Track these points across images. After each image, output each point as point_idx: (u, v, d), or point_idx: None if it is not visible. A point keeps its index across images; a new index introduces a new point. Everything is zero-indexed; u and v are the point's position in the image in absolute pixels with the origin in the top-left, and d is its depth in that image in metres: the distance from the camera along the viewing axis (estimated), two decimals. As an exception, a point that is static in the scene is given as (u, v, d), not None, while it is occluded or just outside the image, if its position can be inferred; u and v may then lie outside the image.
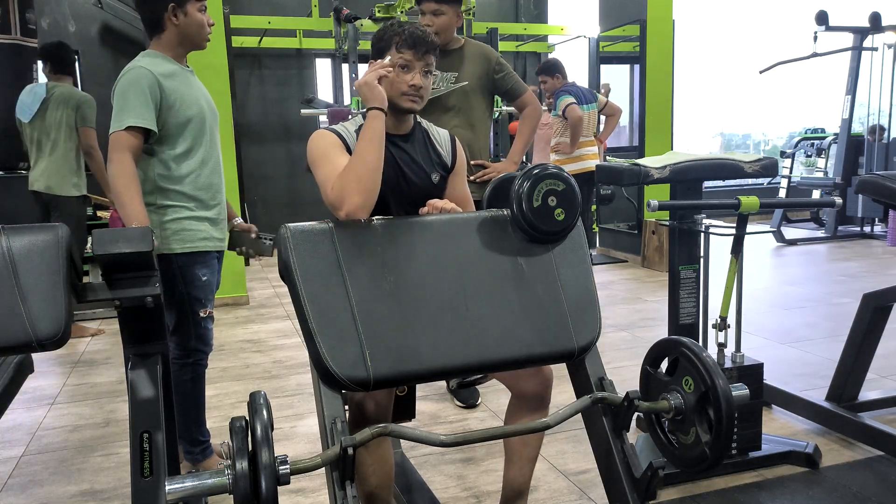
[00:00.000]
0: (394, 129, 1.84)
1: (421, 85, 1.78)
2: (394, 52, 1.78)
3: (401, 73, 1.77)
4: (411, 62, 1.77)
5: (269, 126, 7.94)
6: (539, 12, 8.78)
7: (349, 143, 1.77)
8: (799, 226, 8.75)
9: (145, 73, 2.12)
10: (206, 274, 2.30)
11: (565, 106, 5.44)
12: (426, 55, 1.78)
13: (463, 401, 3.13)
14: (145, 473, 1.50)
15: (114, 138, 2.10)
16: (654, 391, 1.59)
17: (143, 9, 2.22)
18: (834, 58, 7.19)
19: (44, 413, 3.21)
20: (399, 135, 1.86)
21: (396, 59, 1.77)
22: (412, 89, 1.77)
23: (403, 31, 1.78)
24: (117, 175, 2.08)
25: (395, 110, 1.81)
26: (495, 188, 1.78)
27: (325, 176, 1.70)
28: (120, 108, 2.10)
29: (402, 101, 1.79)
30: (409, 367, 1.46)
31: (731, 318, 2.40)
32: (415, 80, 1.77)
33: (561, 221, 1.63)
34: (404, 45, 1.77)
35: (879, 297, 2.67)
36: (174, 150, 2.21)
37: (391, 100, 1.78)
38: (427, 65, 1.79)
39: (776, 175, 3.95)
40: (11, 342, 1.35)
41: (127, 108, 2.09)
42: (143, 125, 2.10)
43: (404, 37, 1.77)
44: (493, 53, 2.97)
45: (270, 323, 4.74)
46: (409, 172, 1.84)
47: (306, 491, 2.37)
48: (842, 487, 2.30)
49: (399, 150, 1.84)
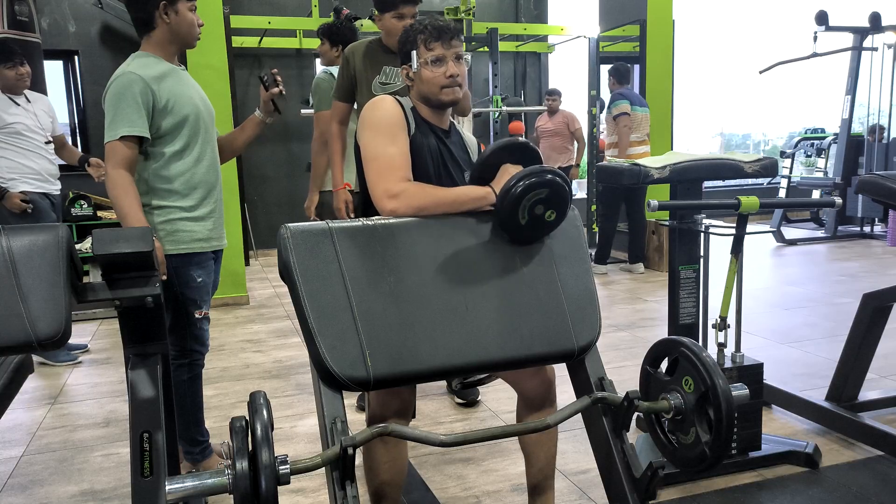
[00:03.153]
0: (437, 123, 1.88)
1: (456, 73, 1.81)
2: (423, 50, 1.82)
3: (435, 69, 1.80)
4: (442, 55, 1.80)
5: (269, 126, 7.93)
6: (539, 12, 8.78)
7: (408, 116, 1.81)
8: (799, 226, 8.75)
9: (135, 79, 2.12)
10: (201, 275, 2.30)
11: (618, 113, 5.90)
12: (452, 41, 1.82)
13: (462, 398, 3.13)
14: (145, 473, 1.49)
15: (109, 149, 2.12)
16: (654, 391, 1.59)
17: (134, 7, 2.22)
18: (834, 58, 7.19)
19: (44, 413, 3.21)
20: (443, 129, 1.89)
21: (427, 56, 1.81)
22: (450, 80, 1.80)
23: (426, 27, 1.82)
24: (114, 187, 2.12)
25: (438, 105, 1.85)
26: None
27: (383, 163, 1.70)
28: (112, 117, 2.12)
29: (443, 95, 1.82)
30: (409, 366, 1.46)
31: (731, 318, 2.40)
32: (450, 69, 1.80)
33: (554, 221, 1.62)
34: (431, 40, 1.80)
35: (879, 297, 2.67)
36: (169, 149, 2.22)
37: (431, 97, 1.83)
38: (456, 51, 1.83)
39: (776, 175, 3.95)
40: (11, 342, 1.35)
41: (119, 117, 2.11)
42: (136, 133, 2.12)
43: (429, 32, 1.81)
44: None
45: (270, 323, 4.74)
46: (450, 166, 1.87)
47: (306, 491, 2.37)
48: (842, 487, 2.30)
49: (442, 145, 1.87)
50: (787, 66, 7.26)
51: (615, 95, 6.00)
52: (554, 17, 8.90)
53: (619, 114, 5.88)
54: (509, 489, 2.36)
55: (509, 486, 2.38)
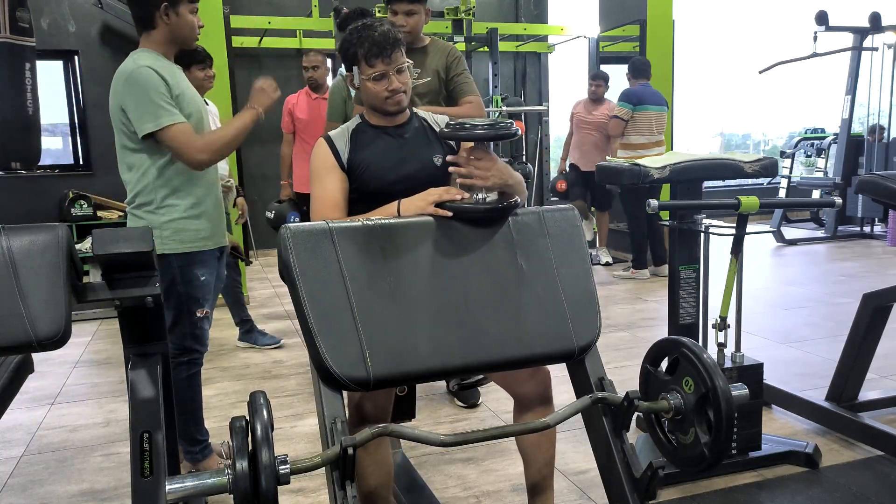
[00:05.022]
0: (389, 123, 1.92)
1: (398, 87, 1.84)
2: (364, 67, 1.84)
3: (377, 84, 1.84)
4: (384, 71, 1.83)
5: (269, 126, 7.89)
6: (539, 12, 8.77)
7: (338, 148, 1.87)
8: (799, 226, 8.74)
9: (151, 73, 2.15)
10: (204, 274, 2.30)
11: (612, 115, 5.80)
12: (393, 55, 1.83)
13: (463, 401, 3.13)
14: (145, 473, 1.49)
15: (171, 135, 2.14)
16: (653, 391, 1.59)
17: (136, 6, 2.23)
18: (834, 58, 7.18)
19: (44, 413, 3.21)
20: (394, 126, 1.93)
21: (368, 72, 1.83)
22: (391, 93, 1.84)
23: (363, 42, 1.82)
24: (210, 143, 2.22)
25: (385, 113, 1.90)
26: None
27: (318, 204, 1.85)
28: (149, 110, 2.13)
29: (388, 106, 1.87)
30: (409, 367, 1.46)
31: (730, 318, 2.40)
32: (393, 84, 1.83)
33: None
34: (371, 57, 1.82)
35: (879, 297, 2.67)
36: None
37: (378, 107, 1.88)
38: (398, 66, 1.84)
39: (776, 175, 3.95)
40: (11, 342, 1.35)
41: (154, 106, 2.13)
42: (177, 122, 2.15)
43: (366, 49, 1.82)
44: (454, 53, 2.95)
45: (270, 323, 4.74)
46: (408, 158, 1.90)
47: (306, 491, 2.37)
48: (842, 487, 2.30)
49: (396, 140, 1.91)
50: (787, 66, 7.26)
51: (620, 94, 5.90)
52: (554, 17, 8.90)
53: (612, 116, 5.81)
54: (509, 489, 2.36)
55: (509, 486, 2.38)
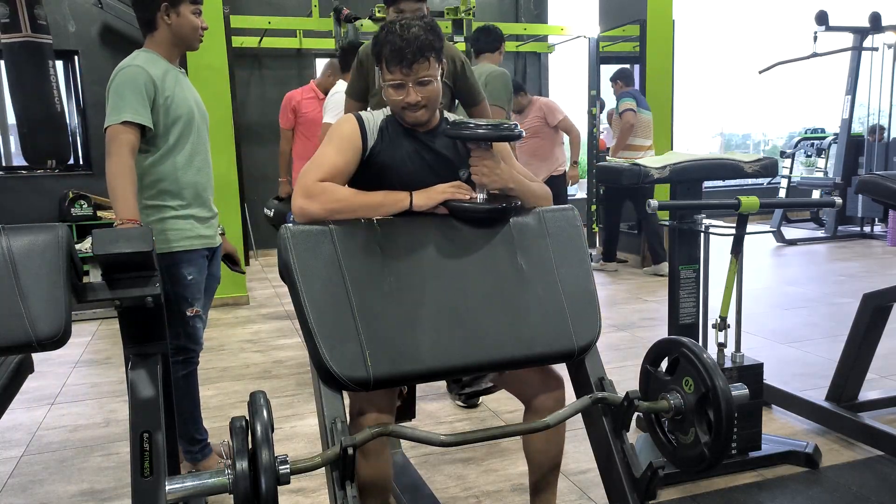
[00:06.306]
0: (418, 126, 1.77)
1: (416, 101, 1.67)
2: (384, 71, 1.69)
3: (395, 93, 1.68)
4: (402, 81, 1.66)
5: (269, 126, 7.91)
6: (539, 12, 8.77)
7: (367, 132, 1.72)
8: (799, 226, 8.74)
9: (140, 72, 2.15)
10: (192, 273, 2.30)
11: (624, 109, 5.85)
12: (414, 66, 1.64)
13: (464, 400, 3.14)
14: (145, 473, 1.50)
15: (111, 132, 2.12)
16: (653, 391, 1.59)
17: (138, 7, 2.26)
18: (834, 58, 7.19)
19: (44, 413, 3.21)
20: (427, 130, 1.78)
21: (388, 78, 1.68)
22: (408, 105, 1.68)
23: (386, 45, 1.66)
24: (115, 168, 2.10)
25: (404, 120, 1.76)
26: None
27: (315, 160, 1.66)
28: (115, 104, 2.13)
29: (406, 116, 1.72)
30: (409, 367, 1.46)
31: (730, 318, 2.40)
32: (409, 97, 1.66)
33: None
34: (390, 64, 1.66)
35: (879, 297, 2.67)
36: (160, 147, 2.24)
37: (397, 114, 1.74)
38: (418, 77, 1.66)
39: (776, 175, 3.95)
40: (11, 342, 1.35)
41: (123, 104, 2.12)
42: (139, 121, 2.13)
43: (387, 52, 1.65)
44: (460, 57, 2.95)
45: (270, 323, 4.74)
46: (434, 165, 1.76)
47: (306, 491, 2.37)
48: (842, 487, 2.30)
49: (422, 145, 1.76)
50: (787, 66, 7.26)
51: (623, 94, 5.98)
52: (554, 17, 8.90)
53: (625, 109, 5.86)
54: (509, 489, 2.36)
55: (509, 486, 2.38)
